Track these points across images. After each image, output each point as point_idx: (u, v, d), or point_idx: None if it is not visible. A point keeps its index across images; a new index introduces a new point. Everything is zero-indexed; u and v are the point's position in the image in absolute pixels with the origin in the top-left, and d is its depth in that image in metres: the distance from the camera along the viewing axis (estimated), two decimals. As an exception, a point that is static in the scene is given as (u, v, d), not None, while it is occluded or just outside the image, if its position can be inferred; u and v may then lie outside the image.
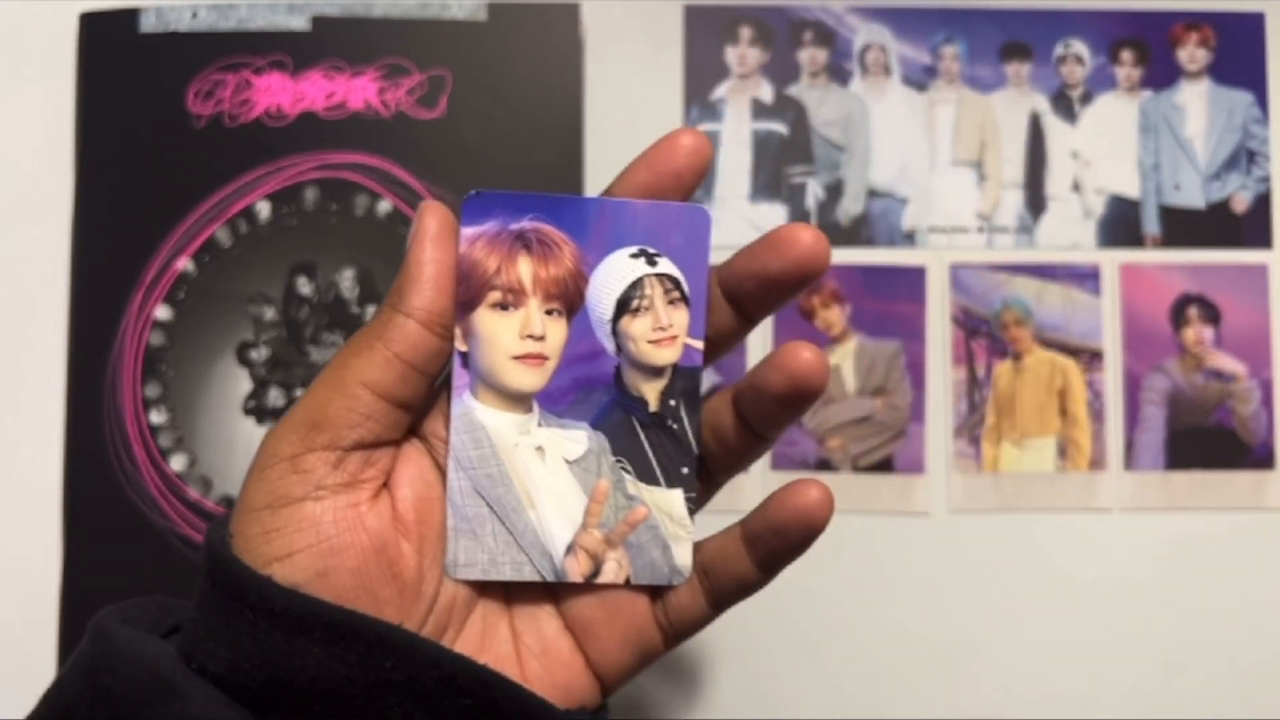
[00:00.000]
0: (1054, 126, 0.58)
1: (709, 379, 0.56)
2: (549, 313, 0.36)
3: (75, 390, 0.55)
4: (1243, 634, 0.56)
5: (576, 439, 0.36)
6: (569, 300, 0.36)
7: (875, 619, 0.56)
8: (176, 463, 0.54)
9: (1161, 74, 0.59)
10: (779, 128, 0.58)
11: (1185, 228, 0.58)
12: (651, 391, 0.36)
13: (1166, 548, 0.56)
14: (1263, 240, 0.58)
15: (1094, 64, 0.58)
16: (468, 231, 0.36)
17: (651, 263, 0.36)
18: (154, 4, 0.56)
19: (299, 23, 0.56)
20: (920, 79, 0.58)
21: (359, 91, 0.56)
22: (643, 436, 0.37)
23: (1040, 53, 0.58)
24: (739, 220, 0.57)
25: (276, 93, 0.56)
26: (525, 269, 0.35)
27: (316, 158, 0.56)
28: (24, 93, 0.57)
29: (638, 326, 0.36)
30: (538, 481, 0.36)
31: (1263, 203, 0.58)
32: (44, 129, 0.57)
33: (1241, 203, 0.58)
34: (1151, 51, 0.59)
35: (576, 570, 0.36)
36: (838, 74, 0.58)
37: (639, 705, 0.55)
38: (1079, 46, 0.58)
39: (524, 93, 0.56)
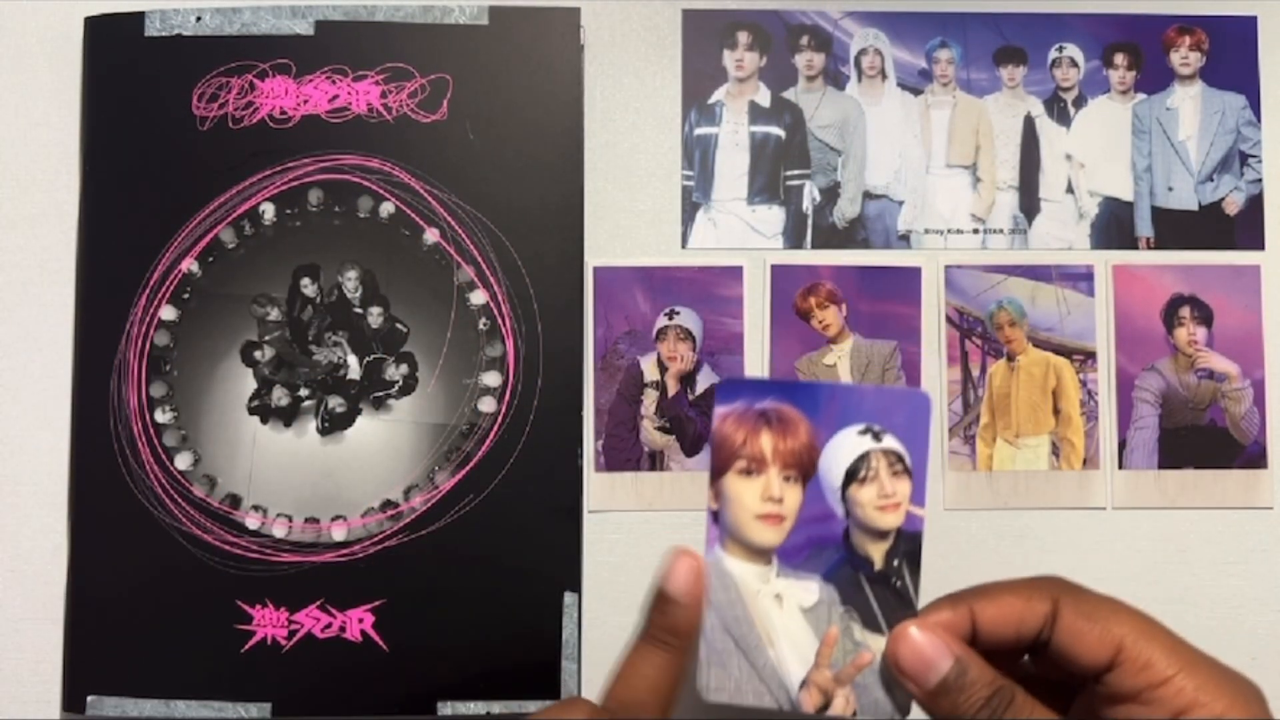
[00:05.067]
0: (1048, 129, 0.59)
1: (709, 378, 0.57)
2: (786, 479, 0.41)
3: (81, 389, 0.56)
4: (1236, 631, 0.56)
5: (810, 589, 0.41)
6: (804, 469, 0.41)
7: (871, 616, 0.56)
8: (181, 461, 0.55)
9: (1154, 77, 0.59)
10: (776, 131, 0.58)
11: (1178, 229, 0.58)
12: (877, 551, 0.41)
13: (1159, 545, 0.57)
14: (1255, 242, 0.58)
15: (1087, 67, 0.59)
16: (720, 409, 0.41)
17: (877, 439, 0.41)
18: (159, 8, 0.57)
19: (303, 27, 0.57)
20: (915, 83, 0.59)
21: (362, 95, 0.57)
22: (868, 590, 0.41)
23: (1034, 57, 0.59)
24: (736, 222, 0.58)
25: (280, 96, 0.57)
26: (766, 442, 0.41)
27: (320, 160, 0.56)
28: (30, 96, 0.58)
29: (865, 494, 0.41)
30: (775, 624, 0.41)
31: (1255, 204, 0.59)
32: (50, 132, 0.58)
33: (1234, 204, 0.59)
34: (1144, 55, 0.59)
35: (809, 703, 0.40)
36: (834, 78, 0.59)
37: (638, 701, 0.56)
38: (1072, 50, 0.59)
39: (524, 96, 0.56)
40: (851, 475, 0.41)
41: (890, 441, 0.41)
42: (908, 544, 0.41)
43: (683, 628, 0.40)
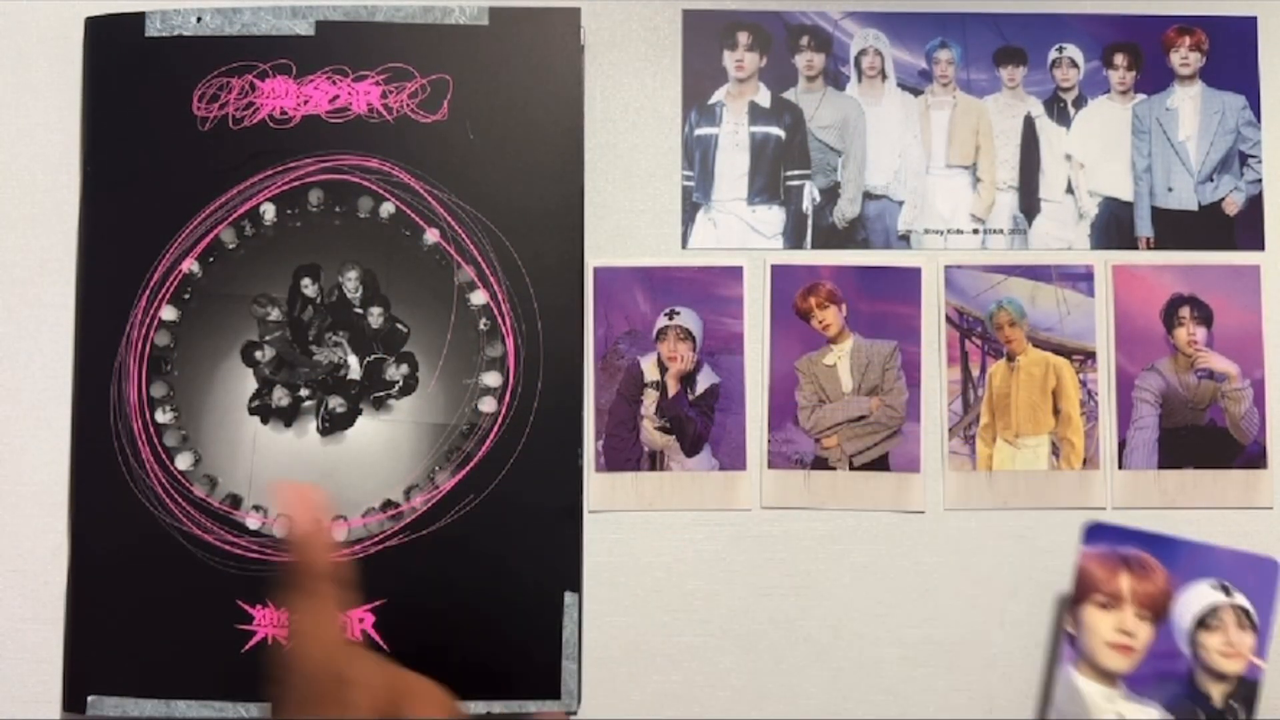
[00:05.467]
0: (1048, 130, 0.59)
1: (709, 378, 0.57)
2: (1140, 618, 0.49)
3: (82, 390, 0.56)
4: (1234, 631, 0.57)
5: (1151, 715, 0.48)
6: (1156, 610, 0.49)
7: (871, 615, 0.56)
8: (182, 461, 0.55)
9: (1154, 77, 0.59)
10: (776, 131, 0.58)
11: (1178, 229, 0.58)
12: (1217, 691, 0.48)
13: (1159, 545, 0.57)
14: (1255, 242, 0.58)
15: (1087, 68, 0.59)
16: (1086, 549, 0.51)
17: (1228, 594, 0.48)
18: (159, 8, 0.57)
19: (303, 28, 0.57)
20: (915, 83, 0.59)
21: (362, 95, 0.57)
22: None
23: (1034, 57, 0.59)
24: (737, 222, 0.58)
25: (281, 96, 0.57)
26: (1125, 582, 0.49)
27: (320, 160, 0.56)
28: (30, 96, 0.58)
29: (1212, 640, 0.48)
30: None
31: (1255, 204, 0.59)
32: (50, 132, 0.58)
33: (1234, 205, 0.59)
34: (1144, 55, 0.59)
35: None
36: (834, 78, 0.59)
37: (639, 704, 0.56)
38: (1072, 50, 0.59)
39: (524, 96, 0.56)
40: (1201, 622, 0.49)
41: (1240, 599, 0.49)
42: (1246, 689, 0.48)
43: None
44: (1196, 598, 0.49)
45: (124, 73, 0.57)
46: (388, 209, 0.56)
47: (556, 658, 0.54)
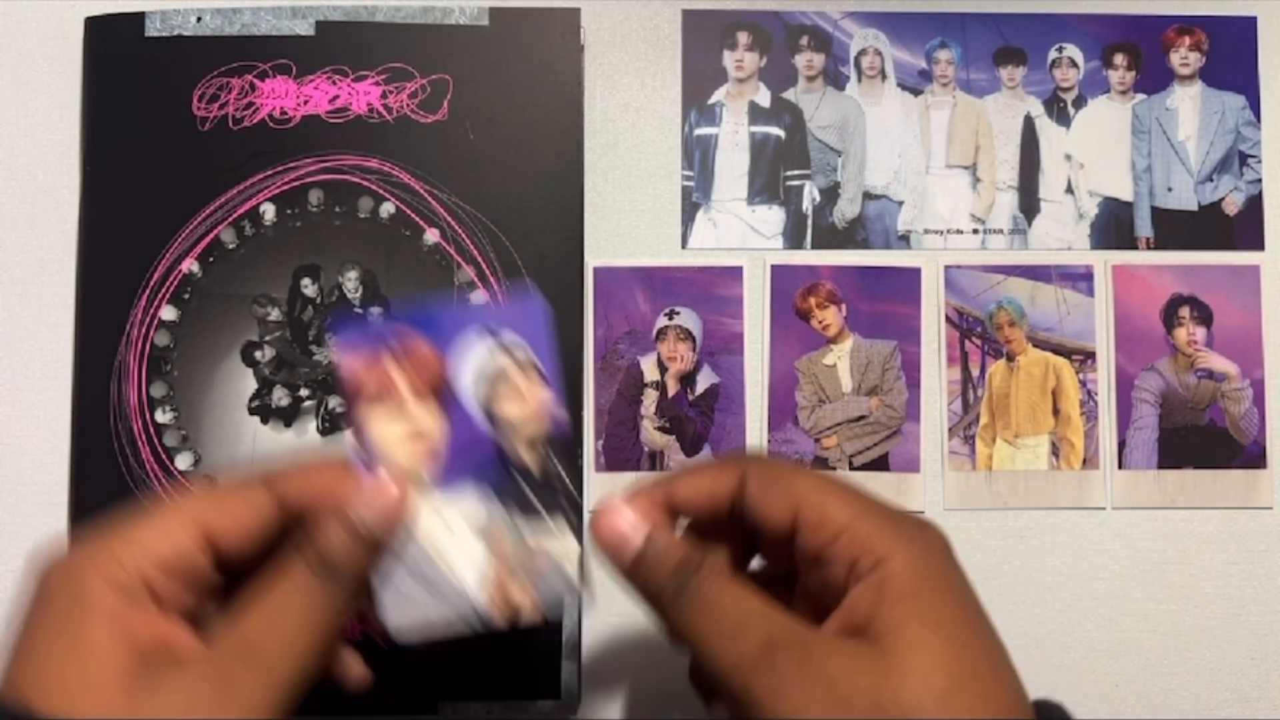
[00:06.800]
0: (1047, 129, 0.59)
1: (709, 378, 0.57)
2: (424, 406, 0.41)
3: (82, 390, 0.56)
4: (1235, 631, 0.57)
5: (475, 509, 0.41)
6: (439, 391, 0.41)
7: (871, 616, 0.56)
8: (182, 461, 0.55)
9: (1154, 77, 0.59)
10: (776, 131, 0.58)
11: (1177, 229, 0.58)
12: (530, 456, 0.42)
13: (1159, 545, 0.57)
14: (1255, 242, 0.59)
15: (1087, 68, 0.59)
16: (344, 351, 0.41)
17: (508, 353, 0.41)
18: (159, 8, 0.57)
19: (303, 28, 0.57)
20: (915, 83, 0.59)
21: (362, 95, 0.57)
22: (532, 498, 0.42)
23: (1034, 57, 0.59)
24: (736, 222, 0.58)
25: (281, 96, 0.57)
26: (396, 376, 0.41)
27: (320, 160, 0.56)
28: (30, 96, 0.58)
29: (508, 409, 0.41)
30: (449, 550, 0.41)
31: (1254, 204, 0.59)
32: (50, 132, 0.58)
33: (1233, 205, 0.59)
34: (1144, 55, 0.59)
35: (499, 618, 0.41)
36: (834, 78, 0.59)
37: (639, 704, 0.56)
38: (1072, 51, 0.59)
39: (524, 96, 0.56)
40: (490, 392, 0.41)
41: (521, 353, 0.41)
42: (558, 448, 0.42)
43: (365, 565, 0.38)
44: (473, 364, 0.41)
45: (124, 73, 0.57)
46: (388, 209, 0.56)
47: (557, 657, 0.54)
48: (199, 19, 0.57)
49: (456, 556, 0.41)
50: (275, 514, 0.39)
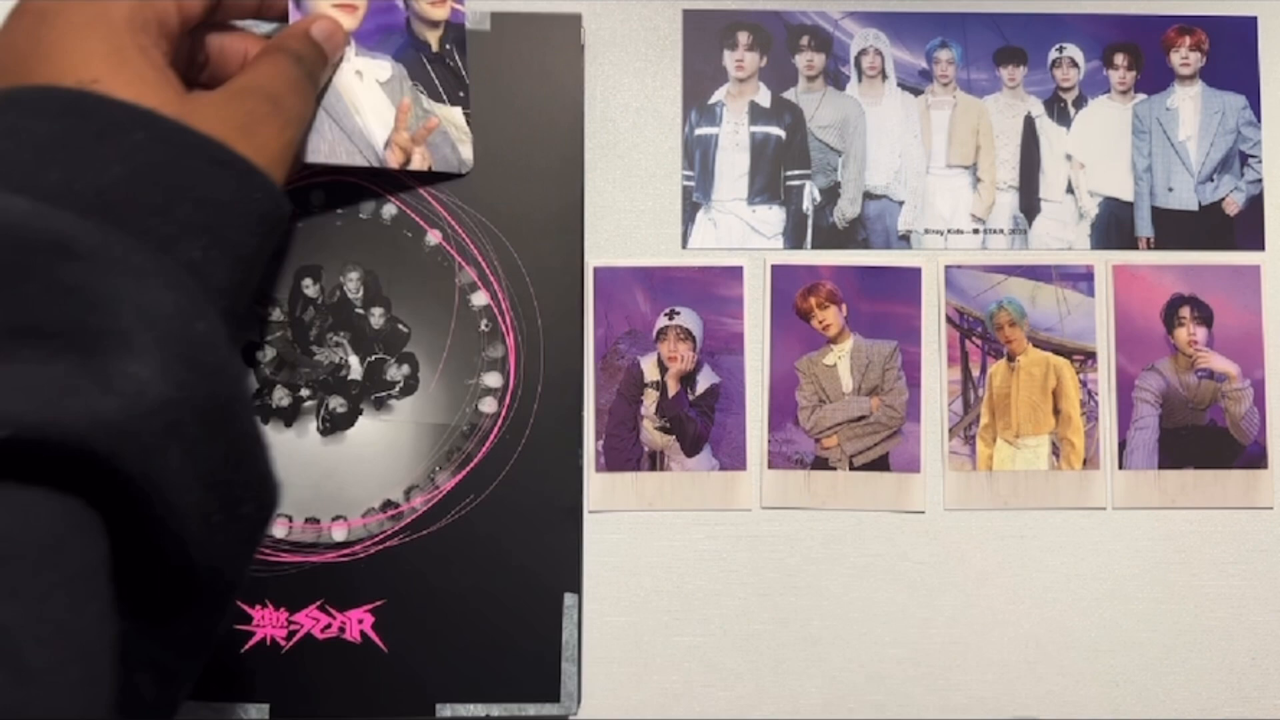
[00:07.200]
0: (1048, 129, 0.59)
1: (709, 378, 0.57)
2: None
3: (83, 390, 0.56)
4: (1235, 631, 0.57)
5: (383, 67, 0.51)
6: None
7: (871, 615, 0.56)
8: (183, 461, 0.55)
9: (1154, 77, 0.59)
10: (776, 131, 0.58)
11: (1178, 229, 0.58)
12: (433, 38, 0.53)
13: (1159, 546, 0.57)
14: (1255, 242, 0.58)
15: (1088, 68, 0.59)
16: None
17: None
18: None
19: (303, 28, 0.57)
20: (916, 83, 0.59)
21: None
22: (430, 69, 0.53)
23: (1034, 57, 0.59)
24: (737, 222, 0.58)
25: (281, 97, 0.57)
26: None
27: (321, 161, 0.57)
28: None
29: None
30: (359, 95, 0.50)
31: (1255, 205, 0.59)
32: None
33: (1234, 205, 0.59)
34: (1145, 55, 0.59)
35: (394, 160, 0.52)
36: (834, 78, 0.59)
37: (639, 704, 0.56)
38: (1073, 51, 0.59)
39: (526, 98, 0.56)
40: None
41: None
42: (455, 32, 0.53)
43: (320, 68, 0.48)
44: None
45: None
46: (389, 211, 0.56)
47: (556, 659, 0.54)
48: (200, 20, 0.57)
49: (365, 106, 0.50)
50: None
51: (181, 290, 0.33)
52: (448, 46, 0.53)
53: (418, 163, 0.53)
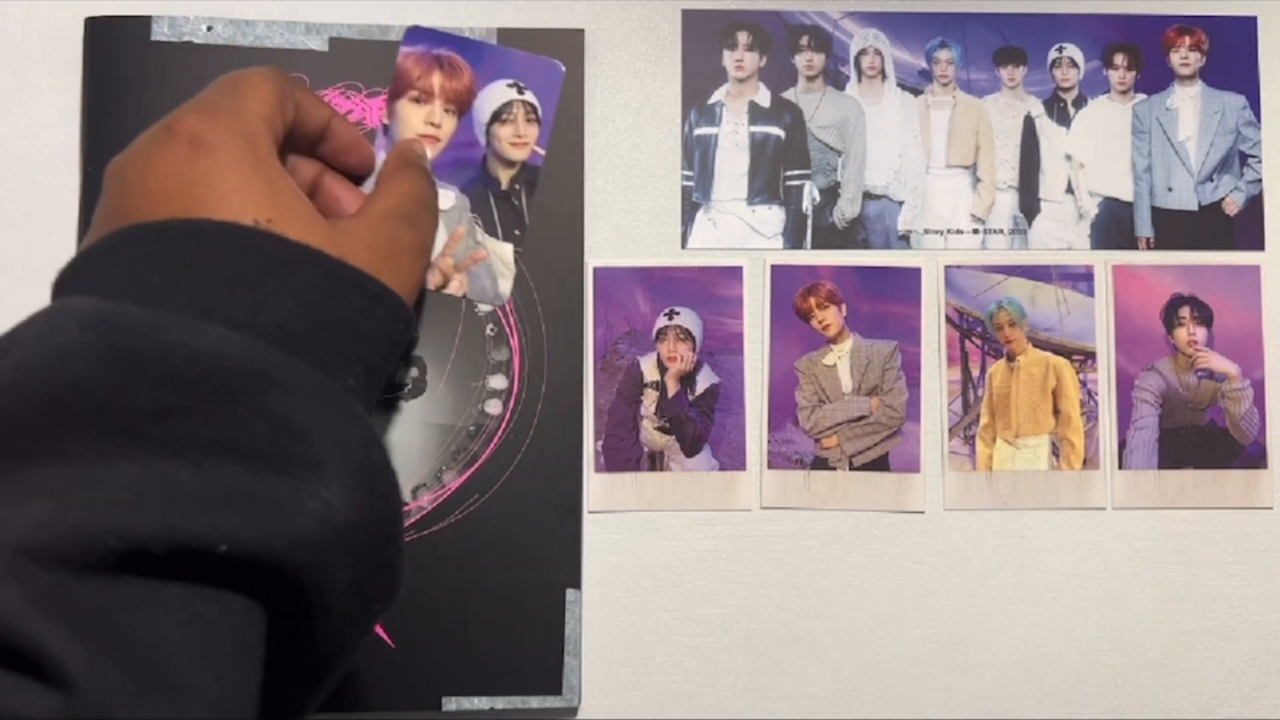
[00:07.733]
0: (1048, 129, 0.59)
1: (709, 378, 0.57)
2: (447, 111, 0.55)
3: (88, 390, 0.56)
4: (1235, 631, 0.56)
5: (448, 195, 0.54)
6: (460, 104, 0.55)
7: (870, 615, 0.56)
8: (186, 460, 0.55)
9: (1154, 77, 0.59)
10: (776, 131, 0.59)
11: (1178, 229, 0.58)
12: (504, 176, 0.55)
13: (1159, 546, 0.57)
14: (1255, 242, 0.58)
15: (1087, 68, 0.59)
16: (404, 49, 0.56)
17: (520, 91, 0.56)
18: (167, 13, 0.57)
19: (317, 43, 0.57)
20: (915, 83, 0.59)
21: (375, 111, 0.57)
22: (493, 204, 0.55)
23: (1034, 57, 0.59)
24: (736, 222, 0.58)
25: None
26: (436, 79, 0.55)
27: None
28: (31, 96, 0.58)
29: (504, 131, 0.55)
30: None
31: (1255, 205, 0.59)
32: (50, 132, 0.57)
33: (1234, 205, 0.59)
34: (1144, 55, 0.59)
35: (432, 282, 0.54)
36: (834, 78, 0.59)
37: (639, 702, 0.56)
38: (1072, 51, 0.59)
39: (525, 98, 0.57)
40: (496, 116, 0.55)
41: (530, 96, 0.56)
42: (528, 174, 0.55)
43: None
44: (493, 94, 0.55)
45: (127, 75, 0.56)
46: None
47: (559, 654, 0.54)
48: (210, 28, 0.56)
49: None
50: (318, 121, 0.48)
51: (359, 420, 0.37)
52: (517, 186, 0.55)
53: (454, 289, 0.54)
